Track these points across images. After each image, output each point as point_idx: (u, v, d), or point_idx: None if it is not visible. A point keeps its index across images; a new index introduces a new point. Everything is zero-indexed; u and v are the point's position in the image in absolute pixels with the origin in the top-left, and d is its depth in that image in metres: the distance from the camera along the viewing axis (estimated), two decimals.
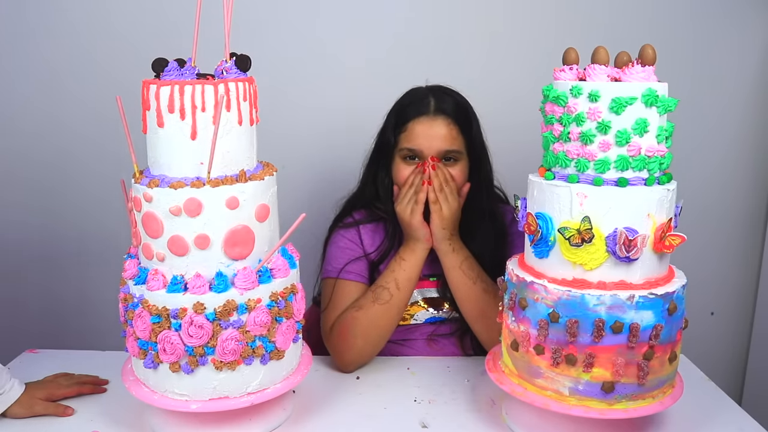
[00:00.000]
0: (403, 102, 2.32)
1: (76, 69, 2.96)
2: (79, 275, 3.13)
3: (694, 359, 2.26)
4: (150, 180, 1.66)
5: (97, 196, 3.03)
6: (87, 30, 2.93)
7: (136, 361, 1.79)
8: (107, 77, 2.90)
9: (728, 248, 3.30)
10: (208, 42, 1.75)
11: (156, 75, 1.68)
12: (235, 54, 1.73)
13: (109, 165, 2.64)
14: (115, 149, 2.29)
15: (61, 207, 3.09)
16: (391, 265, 2.25)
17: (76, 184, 3.06)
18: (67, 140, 3.02)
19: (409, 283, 2.22)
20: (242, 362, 1.71)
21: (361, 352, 2.20)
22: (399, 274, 2.21)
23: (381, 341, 2.23)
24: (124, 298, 1.75)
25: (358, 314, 2.19)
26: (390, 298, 2.19)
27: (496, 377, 1.87)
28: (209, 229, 1.65)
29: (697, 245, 2.80)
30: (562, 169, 1.71)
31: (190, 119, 1.63)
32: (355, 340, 2.18)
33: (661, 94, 1.64)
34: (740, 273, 3.33)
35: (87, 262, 3.11)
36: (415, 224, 2.19)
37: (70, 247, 3.11)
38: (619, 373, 1.66)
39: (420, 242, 2.21)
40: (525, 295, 1.74)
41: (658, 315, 1.65)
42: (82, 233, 3.09)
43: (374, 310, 2.18)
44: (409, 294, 2.25)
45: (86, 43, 2.94)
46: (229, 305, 1.65)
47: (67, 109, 2.99)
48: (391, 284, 2.20)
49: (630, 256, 1.64)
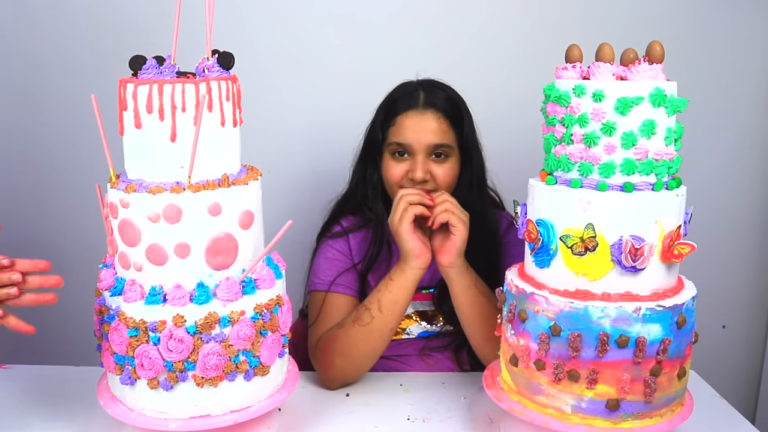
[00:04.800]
0: (392, 96, 2.33)
1: (48, 66, 2.96)
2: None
3: (705, 375, 2.27)
4: (127, 185, 1.66)
5: (71, 201, 3.02)
6: (59, 25, 2.93)
7: (112, 377, 1.78)
8: (81, 75, 2.90)
9: (741, 257, 3.31)
10: (188, 38, 1.75)
11: (133, 73, 1.67)
12: (218, 51, 1.72)
13: (83, 169, 2.63)
14: (89, 152, 2.29)
15: (32, 213, 3.08)
16: (379, 283, 2.22)
17: (48, 189, 3.06)
18: (38, 142, 3.02)
19: (394, 306, 2.16)
20: (225, 378, 1.70)
21: (342, 371, 2.20)
22: (383, 295, 2.17)
23: (364, 362, 2.21)
24: (100, 310, 1.75)
25: (339, 333, 2.19)
26: (370, 321, 2.15)
27: (494, 394, 1.87)
28: (190, 237, 1.65)
29: (708, 254, 2.81)
30: (565, 174, 1.72)
31: (170, 120, 1.63)
32: (334, 359, 2.18)
33: (670, 93, 1.64)
34: (754, 284, 3.34)
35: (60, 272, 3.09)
36: (403, 233, 2.12)
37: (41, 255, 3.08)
38: (625, 390, 1.66)
39: (411, 261, 2.15)
40: (525, 307, 1.74)
41: (666, 328, 1.65)
42: (55, 241, 3.09)
43: (354, 331, 2.17)
44: (395, 318, 2.18)
45: (59, 39, 2.93)
46: (210, 318, 1.65)
47: (39, 109, 2.99)
48: (374, 305, 2.16)
49: (636, 266, 1.64)
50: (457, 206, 2.13)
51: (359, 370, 2.22)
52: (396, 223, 2.13)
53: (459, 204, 2.16)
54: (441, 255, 2.16)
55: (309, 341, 2.28)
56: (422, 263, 2.15)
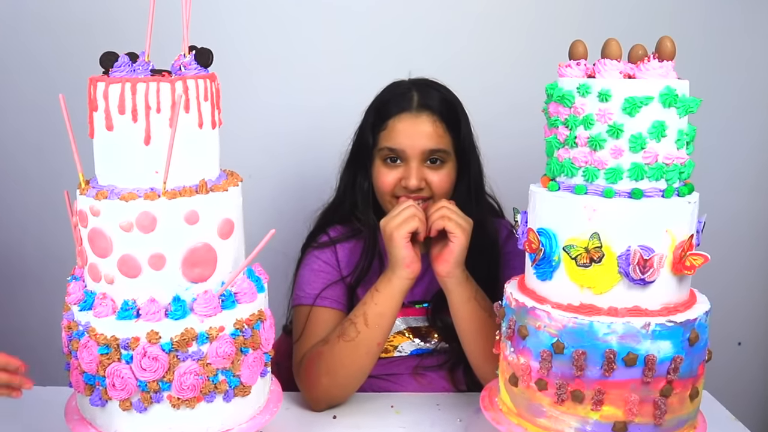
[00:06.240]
0: (383, 97, 2.32)
1: (10, 64, 2.95)
2: (17, 299, 3.11)
3: (719, 396, 2.27)
4: (97, 191, 1.66)
5: (37, 210, 3.02)
6: (22, 19, 2.92)
7: (82, 398, 1.78)
8: (47, 73, 2.90)
9: (758, 269, 3.32)
10: (163, 34, 1.75)
11: (104, 71, 1.67)
12: (195, 47, 1.73)
13: (50, 174, 2.64)
14: (57, 156, 2.29)
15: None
16: (365, 295, 2.21)
17: (12, 195, 3.05)
18: (1, 145, 3.01)
19: (381, 320, 2.16)
20: (202, 399, 1.70)
21: (328, 391, 2.19)
22: (369, 308, 2.16)
23: (351, 381, 2.21)
24: (68, 325, 1.74)
25: (324, 349, 2.18)
26: (356, 336, 2.14)
27: (492, 416, 1.87)
28: (165, 248, 1.65)
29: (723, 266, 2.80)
30: (568, 179, 1.72)
31: (144, 122, 1.63)
32: (319, 378, 2.17)
33: (681, 93, 1.64)
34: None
35: (25, 285, 3.10)
36: (397, 239, 2.11)
37: (5, 267, 3.09)
38: (633, 411, 1.66)
39: (399, 269, 2.14)
40: (525, 323, 1.74)
41: (677, 346, 1.66)
42: (20, 252, 3.08)
43: (339, 347, 2.16)
44: (383, 332, 2.18)
45: (22, 34, 2.93)
46: (187, 334, 1.65)
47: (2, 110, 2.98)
48: (360, 319, 2.16)
49: (645, 278, 1.64)
50: (456, 212, 2.12)
51: (346, 390, 2.22)
52: (393, 227, 2.12)
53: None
54: (438, 263, 2.15)
55: (293, 359, 2.28)
56: (411, 273, 2.14)
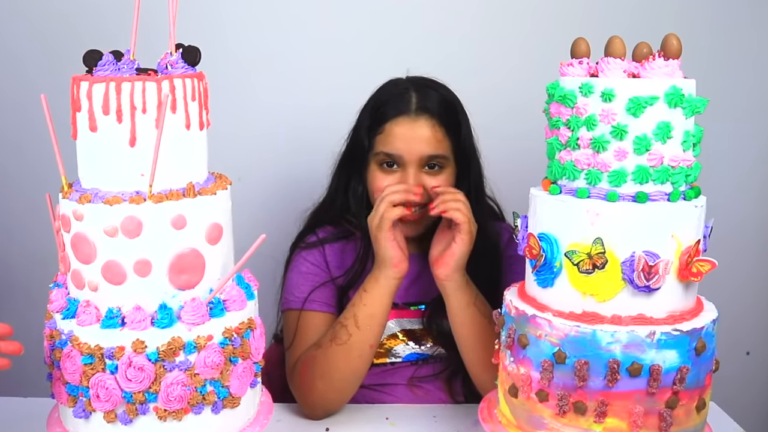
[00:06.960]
0: (379, 98, 2.31)
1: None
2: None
3: (726, 407, 2.27)
4: (81, 195, 1.65)
5: (18, 214, 3.02)
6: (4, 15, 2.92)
7: (65, 409, 1.77)
8: (28, 72, 2.90)
9: (767, 276, 3.31)
10: (149, 31, 1.75)
11: (88, 70, 1.67)
12: (182, 45, 1.72)
13: (31, 177, 2.63)
14: (38, 158, 2.29)
15: None
16: (354, 296, 2.22)
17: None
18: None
19: (372, 321, 2.17)
20: (190, 411, 1.69)
21: (324, 396, 2.19)
22: (359, 309, 2.17)
23: (347, 386, 2.21)
24: (50, 334, 1.74)
25: (317, 354, 2.19)
26: (348, 338, 2.15)
27: (491, 428, 1.87)
28: (151, 253, 1.64)
29: (731, 272, 2.82)
30: (570, 182, 1.72)
31: (129, 122, 1.62)
32: (314, 382, 2.17)
33: (688, 92, 1.64)
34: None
35: (5, 292, 3.09)
36: (381, 239, 2.13)
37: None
38: (637, 423, 1.66)
39: (386, 269, 2.15)
40: (525, 332, 1.74)
41: (683, 355, 1.65)
42: (0, 258, 3.07)
43: (332, 350, 2.17)
44: (374, 333, 2.19)
45: (3, 30, 2.93)
46: (174, 343, 1.64)
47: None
48: (350, 321, 2.17)
49: (650, 285, 1.64)
50: (470, 213, 2.12)
51: (342, 394, 2.22)
52: (374, 227, 2.13)
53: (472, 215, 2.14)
54: (438, 266, 2.15)
55: (286, 365, 2.28)
56: (398, 273, 2.16)
